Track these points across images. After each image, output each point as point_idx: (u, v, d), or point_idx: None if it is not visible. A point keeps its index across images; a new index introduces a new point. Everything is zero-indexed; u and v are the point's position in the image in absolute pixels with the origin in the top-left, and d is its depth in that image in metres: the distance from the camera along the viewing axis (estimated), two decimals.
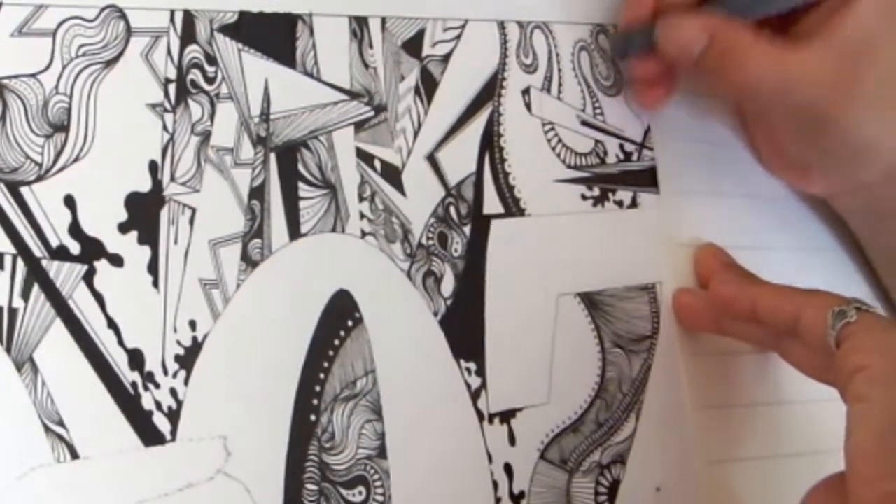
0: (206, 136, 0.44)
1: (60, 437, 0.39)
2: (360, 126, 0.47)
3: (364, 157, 0.47)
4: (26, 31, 0.41)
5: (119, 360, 0.41)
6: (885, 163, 0.52)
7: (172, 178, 0.43)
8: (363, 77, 0.48)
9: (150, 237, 0.42)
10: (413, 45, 0.49)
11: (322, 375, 0.45)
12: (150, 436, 0.41)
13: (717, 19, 0.51)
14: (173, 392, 0.42)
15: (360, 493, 0.45)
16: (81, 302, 0.41)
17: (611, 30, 0.55)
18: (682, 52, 0.51)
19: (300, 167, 0.46)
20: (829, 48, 0.50)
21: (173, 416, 0.42)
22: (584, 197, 0.53)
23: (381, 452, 0.46)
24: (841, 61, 0.50)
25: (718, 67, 0.51)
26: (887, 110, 0.51)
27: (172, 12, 0.44)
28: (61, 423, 0.39)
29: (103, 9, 0.43)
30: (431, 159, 0.49)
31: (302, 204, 0.46)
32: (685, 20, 0.51)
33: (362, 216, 0.47)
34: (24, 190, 0.40)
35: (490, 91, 0.51)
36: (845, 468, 0.40)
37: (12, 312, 0.39)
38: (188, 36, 0.44)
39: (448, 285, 0.48)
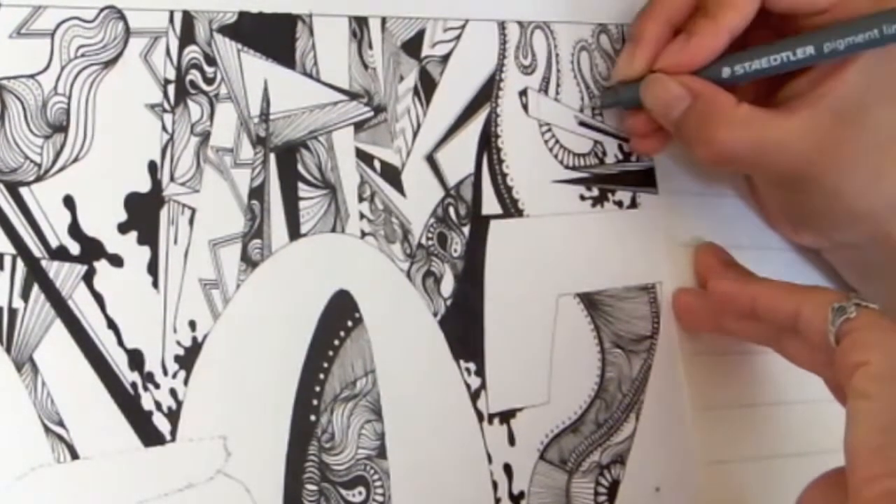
0: (205, 136, 0.44)
1: (60, 437, 0.39)
2: (359, 126, 0.47)
3: (364, 157, 0.47)
4: (25, 32, 0.41)
5: (119, 361, 0.41)
6: (869, 226, 0.52)
7: (172, 179, 0.43)
8: (363, 77, 0.48)
9: (149, 237, 0.42)
10: (412, 46, 0.49)
11: (322, 375, 0.45)
12: (150, 436, 0.41)
13: (701, 82, 0.51)
14: (173, 392, 0.42)
15: (360, 493, 0.45)
16: (81, 302, 0.40)
17: (613, 29, 0.55)
18: (664, 110, 0.51)
19: (300, 167, 0.46)
20: (815, 114, 0.50)
21: (173, 416, 0.42)
22: (582, 197, 0.53)
23: (381, 452, 0.46)
24: (827, 127, 0.50)
25: (697, 132, 0.51)
26: (872, 177, 0.51)
27: (171, 13, 0.44)
28: (61, 423, 0.39)
29: (102, 9, 0.43)
30: (430, 160, 0.49)
31: (302, 204, 0.46)
32: (670, 79, 0.51)
33: (362, 216, 0.47)
34: (23, 190, 0.40)
35: (487, 92, 0.51)
36: (846, 464, 0.40)
37: (12, 312, 0.39)
38: (187, 36, 0.44)
39: (448, 285, 0.48)
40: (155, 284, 0.42)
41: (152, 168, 0.43)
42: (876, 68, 0.50)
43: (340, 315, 0.46)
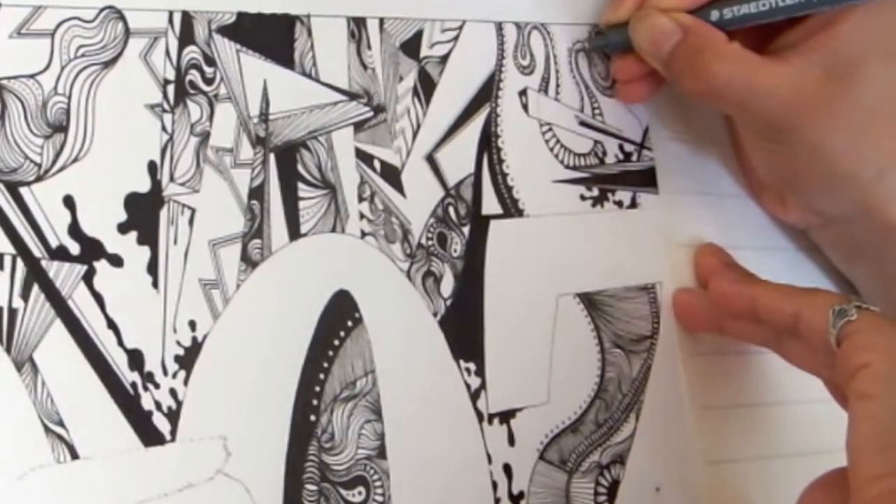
0: (205, 136, 0.44)
1: (60, 437, 0.39)
2: (359, 126, 0.47)
3: (363, 157, 0.47)
4: (25, 32, 0.41)
5: (119, 361, 0.41)
6: (853, 194, 0.51)
7: (172, 179, 0.43)
8: (362, 78, 0.48)
9: (149, 237, 0.42)
10: (411, 46, 0.49)
11: (322, 376, 0.45)
12: (150, 436, 0.41)
13: (692, 18, 0.50)
14: (173, 392, 0.42)
15: (360, 493, 0.45)
16: (81, 302, 0.40)
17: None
18: (654, 46, 0.51)
19: (300, 167, 0.46)
20: (805, 66, 0.49)
21: (173, 416, 0.42)
22: (583, 197, 0.53)
23: (381, 453, 0.46)
24: (816, 81, 0.49)
25: (688, 65, 0.50)
26: (857, 139, 0.50)
27: (171, 13, 0.44)
28: (61, 423, 0.39)
29: (102, 10, 0.43)
30: (430, 160, 0.49)
31: (301, 204, 0.46)
32: (660, 14, 0.51)
33: (362, 216, 0.47)
34: (23, 190, 0.40)
35: (487, 92, 0.51)
36: (848, 465, 0.40)
37: (12, 312, 0.39)
38: (187, 37, 0.44)
39: (447, 286, 0.48)
40: (155, 284, 0.42)
41: (152, 168, 0.43)
42: (870, 23, 0.49)
43: (340, 315, 0.46)
